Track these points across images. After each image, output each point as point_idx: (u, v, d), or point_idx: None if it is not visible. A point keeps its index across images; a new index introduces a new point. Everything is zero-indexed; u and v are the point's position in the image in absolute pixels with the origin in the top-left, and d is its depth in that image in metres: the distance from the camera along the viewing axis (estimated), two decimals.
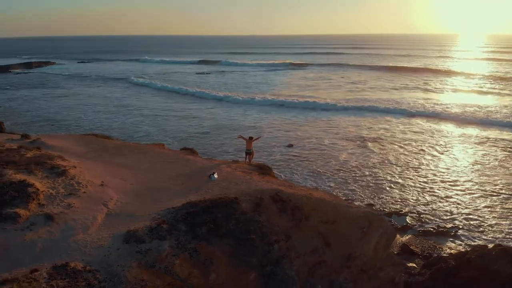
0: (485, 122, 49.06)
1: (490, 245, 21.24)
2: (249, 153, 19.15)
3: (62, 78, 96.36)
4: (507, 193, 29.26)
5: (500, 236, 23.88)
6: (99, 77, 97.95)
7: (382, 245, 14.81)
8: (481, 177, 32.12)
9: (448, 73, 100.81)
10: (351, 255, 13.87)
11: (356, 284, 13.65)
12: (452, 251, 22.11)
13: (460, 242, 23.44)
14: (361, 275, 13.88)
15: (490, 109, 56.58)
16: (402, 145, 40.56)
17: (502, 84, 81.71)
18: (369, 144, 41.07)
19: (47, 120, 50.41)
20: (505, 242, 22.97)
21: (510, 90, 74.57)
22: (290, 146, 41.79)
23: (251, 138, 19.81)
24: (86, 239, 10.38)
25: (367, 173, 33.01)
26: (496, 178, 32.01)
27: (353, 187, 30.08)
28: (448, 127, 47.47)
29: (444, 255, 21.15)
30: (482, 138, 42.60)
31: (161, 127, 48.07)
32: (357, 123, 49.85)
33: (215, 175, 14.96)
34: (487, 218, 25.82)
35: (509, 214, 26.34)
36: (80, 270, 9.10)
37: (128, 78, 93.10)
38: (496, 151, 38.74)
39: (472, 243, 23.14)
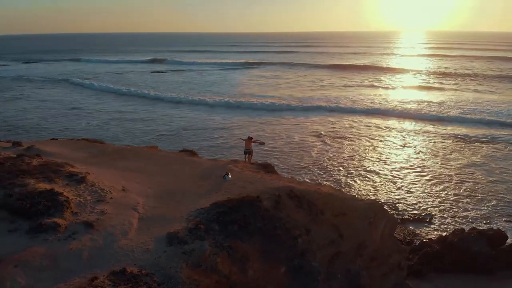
0: (440, 118, 52.43)
1: (466, 229, 23.36)
2: (248, 152, 19.62)
3: (10, 80, 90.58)
4: (469, 179, 32.03)
5: (470, 219, 26.17)
6: (49, 79, 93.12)
7: (387, 233, 15.94)
8: (444, 168, 34.79)
9: (395, 70, 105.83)
10: (362, 244, 14.84)
11: (369, 271, 14.64)
12: (432, 236, 23.95)
13: (436, 227, 25.40)
14: (372, 263, 14.90)
15: (441, 104, 60.91)
16: (368, 140, 42.79)
17: (446, 80, 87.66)
18: (337, 140, 42.93)
19: (6, 125, 47.58)
20: (474, 224, 25.31)
21: (452, 85, 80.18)
22: (262, 143, 42.57)
23: (250, 138, 20.28)
24: (131, 244, 10.46)
25: (340, 167, 34.66)
26: (456, 167, 34.83)
27: (330, 180, 31.48)
28: (405, 124, 50.31)
29: (426, 240, 22.88)
30: (437, 132, 45.75)
31: (128, 129, 47.09)
32: (322, 121, 51.58)
33: (229, 176, 15.35)
34: (455, 204, 28.14)
35: (471, 199, 28.88)
36: (138, 274, 9.23)
37: (80, 79, 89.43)
38: (452, 143, 42.01)
39: (447, 227, 25.19)
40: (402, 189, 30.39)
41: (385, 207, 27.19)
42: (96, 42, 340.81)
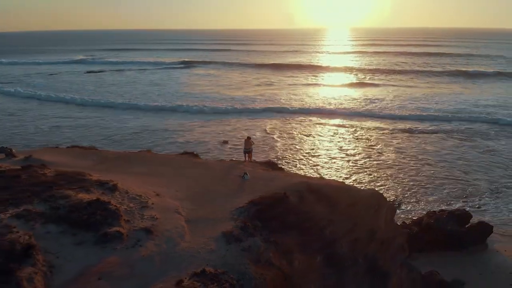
0: (376, 114, 55.45)
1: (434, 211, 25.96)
2: (248, 151, 20.18)
3: None
4: (424, 167, 35.34)
5: (433, 202, 29.05)
6: None
7: (389, 219, 17.50)
8: (401, 157, 37.97)
9: (330, 68, 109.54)
10: (373, 230, 16.20)
11: (381, 254, 16.04)
12: (405, 219, 26.26)
13: (407, 211, 27.88)
14: (382, 246, 16.32)
15: (381, 100, 65.24)
16: (324, 137, 45.10)
17: (383, 76, 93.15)
18: (296, 136, 44.74)
19: None
20: (437, 207, 28.16)
21: (387, 81, 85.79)
22: (225, 142, 43.22)
23: (248, 138, 20.83)
24: (192, 246, 10.73)
25: (303, 159, 36.60)
26: (410, 155, 38.17)
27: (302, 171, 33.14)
28: (352, 121, 52.79)
29: (404, 223, 25.06)
30: (385, 128, 48.95)
31: (80, 133, 45.17)
32: (277, 119, 52.59)
33: (248, 175, 15.90)
34: (418, 189, 31.00)
35: (430, 184, 31.96)
36: (216, 274, 9.61)
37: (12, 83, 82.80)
38: (401, 135, 45.71)
39: (417, 210, 27.77)
40: (369, 179, 32.72)
41: None
42: (13, 42, 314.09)
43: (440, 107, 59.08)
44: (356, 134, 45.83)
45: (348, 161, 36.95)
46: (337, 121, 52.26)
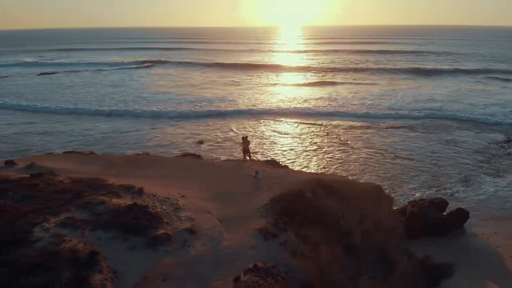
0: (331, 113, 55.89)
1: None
2: (247, 151, 20.55)
3: None
4: (397, 159, 37.35)
5: (411, 190, 30.87)
6: None
7: (388, 209, 18.63)
8: (373, 151, 39.88)
9: (289, 68, 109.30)
10: (378, 221, 17.23)
11: (386, 243, 17.09)
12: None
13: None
14: (386, 235, 17.38)
15: (344, 99, 67.33)
16: (295, 135, 46.32)
17: (343, 74, 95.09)
18: (268, 135, 45.69)
19: None
20: (416, 195, 29.96)
21: (342, 80, 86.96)
22: (201, 142, 43.30)
23: (245, 137, 21.08)
24: (234, 244, 11.09)
25: (279, 155, 37.73)
26: (383, 149, 40.19)
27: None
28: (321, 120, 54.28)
29: None
30: (343, 125, 50.63)
31: (49, 139, 43.42)
32: (243, 122, 51.95)
33: (260, 174, 16.36)
34: (394, 179, 32.78)
35: (405, 175, 33.87)
36: (268, 268, 10.06)
37: None
38: (371, 131, 47.85)
39: (396, 199, 29.33)
40: (347, 174, 34.13)
41: None
42: None
43: (401, 103, 61.86)
44: (325, 131, 47.23)
45: (323, 156, 38.19)
46: (305, 119, 53.06)
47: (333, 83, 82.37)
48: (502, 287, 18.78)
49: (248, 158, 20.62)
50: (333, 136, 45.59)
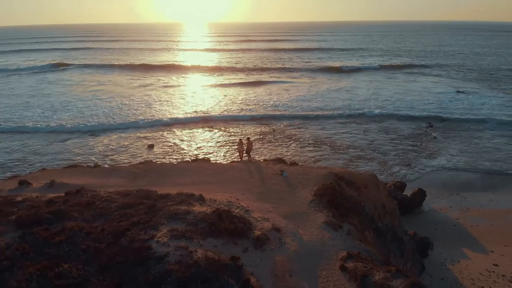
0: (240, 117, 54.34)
1: None
2: (248, 152, 21.20)
3: None
4: (353, 147, 40.60)
5: None
6: None
7: (385, 194, 20.87)
8: (314, 147, 42.84)
9: (198, 68, 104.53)
10: (383, 205, 19.34)
11: (393, 223, 19.26)
12: None
13: None
14: (391, 216, 19.57)
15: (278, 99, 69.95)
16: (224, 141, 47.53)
17: (266, 74, 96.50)
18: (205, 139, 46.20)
19: None
20: None
21: (264, 79, 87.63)
22: (151, 146, 42.43)
23: (248, 138, 21.67)
24: (314, 237, 12.06)
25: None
26: (316, 145, 43.32)
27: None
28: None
29: None
30: (281, 125, 53.78)
31: None
32: (177, 128, 50.20)
33: (286, 172, 17.31)
34: (351, 167, 35.77)
35: (362, 160, 37.16)
36: (358, 254, 11.27)
37: None
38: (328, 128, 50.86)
39: None
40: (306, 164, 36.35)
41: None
42: None
43: (329, 101, 65.03)
44: (271, 128, 49.08)
45: (280, 151, 40.03)
46: (235, 121, 52.78)
47: (262, 83, 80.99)
48: (475, 251, 22.20)
49: (249, 158, 21.34)
50: (279, 132, 47.58)
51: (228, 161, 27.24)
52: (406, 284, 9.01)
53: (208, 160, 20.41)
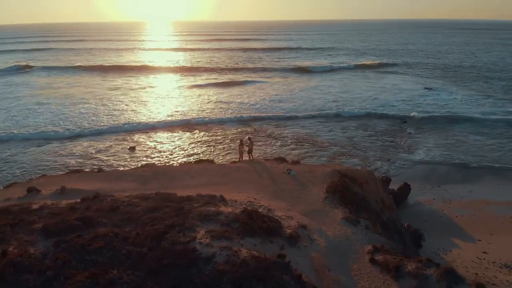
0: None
1: None
2: (250, 151, 21.49)
3: None
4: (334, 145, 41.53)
5: None
6: None
7: (381, 188, 21.69)
8: (298, 145, 43.62)
9: (163, 69, 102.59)
10: (382, 199, 20.14)
11: (392, 216, 20.07)
12: None
13: None
14: (389, 210, 20.38)
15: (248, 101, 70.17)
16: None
17: (234, 75, 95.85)
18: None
19: None
20: None
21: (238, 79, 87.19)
22: (133, 148, 41.84)
23: (249, 138, 21.96)
24: (337, 233, 12.53)
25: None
26: (299, 142, 44.23)
27: None
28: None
29: None
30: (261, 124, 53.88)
31: None
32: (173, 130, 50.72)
33: (293, 171, 17.70)
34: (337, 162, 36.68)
35: (344, 157, 38.16)
36: (382, 247, 11.83)
37: None
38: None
39: None
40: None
41: None
42: None
43: (304, 100, 65.57)
44: (253, 128, 49.44)
45: (266, 150, 40.46)
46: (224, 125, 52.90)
47: (237, 83, 79.36)
48: (464, 240, 23.45)
49: (251, 157, 21.63)
50: (260, 132, 47.96)
51: (221, 162, 27.37)
52: (440, 272, 9.60)
53: (212, 161, 20.52)
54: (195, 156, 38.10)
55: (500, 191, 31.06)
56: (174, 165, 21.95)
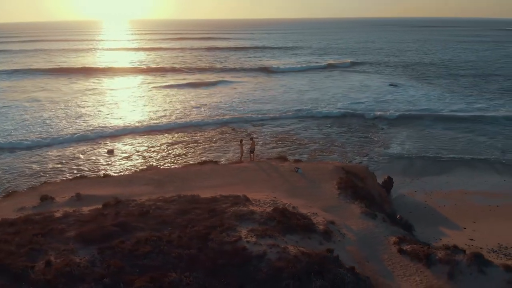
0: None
1: None
2: (252, 151, 21.78)
3: None
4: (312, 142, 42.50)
5: None
6: None
7: (377, 182, 22.69)
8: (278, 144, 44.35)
9: (129, 70, 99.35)
10: (379, 193, 21.10)
11: (390, 209, 21.06)
12: None
13: None
14: (387, 203, 21.36)
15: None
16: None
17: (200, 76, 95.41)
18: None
19: None
20: None
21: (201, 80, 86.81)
22: (111, 152, 41.01)
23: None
24: (362, 226, 13.20)
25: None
26: (279, 141, 45.03)
27: None
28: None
29: None
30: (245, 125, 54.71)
31: None
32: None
33: (301, 169, 18.21)
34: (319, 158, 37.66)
35: (328, 152, 39.19)
36: (406, 238, 12.58)
37: None
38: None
39: None
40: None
41: None
42: None
43: (278, 99, 65.94)
44: (226, 132, 49.46)
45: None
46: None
47: (208, 84, 78.72)
48: (451, 228, 24.90)
49: (253, 157, 21.97)
50: (240, 132, 48.21)
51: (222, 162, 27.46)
52: (469, 257, 10.43)
53: (215, 162, 20.67)
54: (182, 156, 37.84)
55: (474, 181, 33.11)
56: (177, 167, 21.87)
